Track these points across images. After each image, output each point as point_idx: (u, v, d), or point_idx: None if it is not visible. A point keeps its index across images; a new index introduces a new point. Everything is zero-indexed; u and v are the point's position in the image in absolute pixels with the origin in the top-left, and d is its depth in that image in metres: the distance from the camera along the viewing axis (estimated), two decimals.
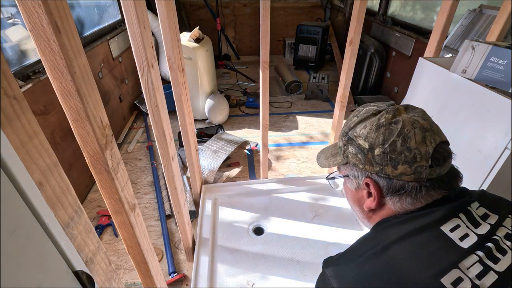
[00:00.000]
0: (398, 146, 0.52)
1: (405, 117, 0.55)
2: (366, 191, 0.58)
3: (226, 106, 3.01)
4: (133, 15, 0.80)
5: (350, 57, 1.49)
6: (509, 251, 0.47)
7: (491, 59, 1.22)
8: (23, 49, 1.78)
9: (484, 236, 0.48)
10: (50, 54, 0.45)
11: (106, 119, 0.58)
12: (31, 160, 0.40)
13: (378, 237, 0.53)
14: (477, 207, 0.52)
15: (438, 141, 0.53)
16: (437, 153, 0.52)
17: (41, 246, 0.39)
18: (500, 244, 0.47)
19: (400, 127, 0.53)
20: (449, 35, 2.24)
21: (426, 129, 0.53)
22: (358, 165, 0.58)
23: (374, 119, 0.56)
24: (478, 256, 0.45)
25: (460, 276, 0.43)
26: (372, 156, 0.55)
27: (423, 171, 0.51)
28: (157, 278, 0.88)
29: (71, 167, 1.94)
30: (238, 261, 1.45)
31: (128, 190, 0.69)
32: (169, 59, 1.35)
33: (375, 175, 0.56)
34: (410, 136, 0.52)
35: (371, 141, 0.54)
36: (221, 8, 4.63)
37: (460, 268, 0.44)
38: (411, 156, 0.51)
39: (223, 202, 1.84)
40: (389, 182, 0.54)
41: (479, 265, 0.45)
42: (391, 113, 0.55)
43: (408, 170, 0.52)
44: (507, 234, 0.49)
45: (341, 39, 4.57)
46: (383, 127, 0.54)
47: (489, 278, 0.43)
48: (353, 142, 0.58)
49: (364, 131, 0.56)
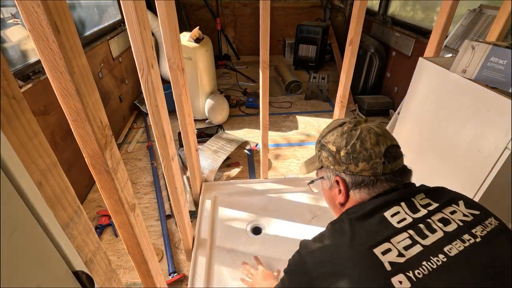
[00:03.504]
0: (357, 147, 0.66)
1: (363, 126, 0.69)
2: (337, 189, 0.72)
3: (226, 106, 3.01)
4: (133, 15, 0.80)
5: (350, 57, 1.49)
6: (439, 230, 0.57)
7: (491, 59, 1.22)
8: (23, 49, 1.78)
9: (418, 219, 0.59)
10: (49, 54, 0.45)
11: (106, 119, 0.58)
12: (30, 160, 0.40)
13: (339, 223, 0.64)
14: (422, 198, 0.64)
15: (389, 144, 0.67)
16: (388, 153, 0.66)
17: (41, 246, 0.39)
18: (431, 225, 0.58)
19: (358, 132, 0.68)
20: (449, 35, 2.24)
21: (379, 134, 0.67)
22: (330, 167, 0.72)
23: (339, 128, 0.71)
24: (409, 234, 0.57)
25: (389, 248, 0.54)
26: (339, 157, 0.69)
27: (378, 167, 0.65)
28: (157, 278, 0.88)
29: (71, 167, 1.94)
30: (235, 260, 1.45)
31: (128, 190, 0.69)
32: (169, 59, 1.35)
33: (343, 173, 0.70)
34: (366, 139, 0.66)
35: (337, 145, 0.69)
36: (221, 8, 4.63)
37: (392, 242, 0.55)
38: (367, 155, 0.66)
39: (223, 201, 1.84)
40: (353, 177, 0.68)
41: (408, 240, 0.56)
42: (352, 123, 0.70)
43: (366, 166, 0.66)
44: (442, 218, 0.59)
45: (341, 39, 4.57)
46: (346, 133, 0.69)
47: (415, 249, 0.54)
48: (324, 148, 0.73)
49: (332, 137, 0.71)
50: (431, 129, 1.55)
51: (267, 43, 1.44)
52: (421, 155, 1.65)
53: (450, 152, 1.41)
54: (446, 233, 0.57)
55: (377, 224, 0.59)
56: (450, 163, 1.42)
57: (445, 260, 0.53)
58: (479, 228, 0.58)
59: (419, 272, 0.51)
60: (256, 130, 2.94)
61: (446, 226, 0.58)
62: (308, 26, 4.17)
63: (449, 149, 1.42)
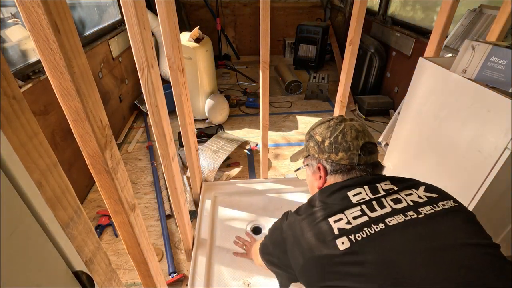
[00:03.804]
0: (339, 139, 0.79)
1: (347, 123, 0.82)
2: (318, 175, 0.84)
3: (226, 106, 3.01)
4: (133, 15, 0.80)
5: (350, 57, 1.49)
6: (388, 207, 0.66)
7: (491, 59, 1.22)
8: (23, 49, 1.78)
9: (374, 198, 0.69)
10: (49, 54, 0.45)
11: (106, 119, 0.58)
12: (30, 160, 0.40)
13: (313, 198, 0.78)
14: (386, 183, 0.73)
15: (367, 140, 0.79)
16: (364, 147, 0.78)
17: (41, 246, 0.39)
18: (383, 203, 0.67)
19: (342, 127, 0.80)
20: (449, 35, 2.24)
21: (359, 131, 0.80)
22: (314, 155, 0.84)
23: (327, 123, 0.84)
24: (361, 208, 0.67)
25: (342, 217, 0.66)
26: (323, 147, 0.81)
27: (355, 157, 0.78)
28: (157, 278, 0.88)
29: (71, 167, 1.94)
30: (235, 260, 1.45)
31: (128, 190, 0.69)
32: (169, 59, 1.35)
33: (324, 161, 0.82)
34: (347, 133, 0.79)
35: (323, 136, 0.82)
36: (221, 8, 4.62)
37: (345, 213, 0.67)
38: (347, 146, 0.78)
39: (222, 201, 1.84)
40: (333, 165, 0.80)
41: (358, 212, 0.66)
42: (338, 120, 0.83)
43: (345, 156, 0.78)
44: (395, 198, 0.69)
45: (341, 39, 4.57)
46: (332, 127, 0.82)
47: (361, 219, 0.64)
48: (312, 138, 0.85)
49: (320, 129, 0.84)
50: (431, 129, 1.55)
51: (267, 43, 1.44)
52: (421, 155, 1.65)
53: (450, 152, 1.41)
54: (393, 209, 0.66)
55: (339, 200, 0.71)
56: (450, 163, 1.42)
57: (383, 228, 0.62)
58: (428, 207, 0.66)
59: (359, 236, 0.62)
60: (256, 130, 2.94)
61: (396, 204, 0.67)
62: (308, 26, 4.17)
63: (449, 149, 1.42)
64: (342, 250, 0.61)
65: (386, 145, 2.55)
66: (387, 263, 0.57)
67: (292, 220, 0.76)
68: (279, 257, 0.80)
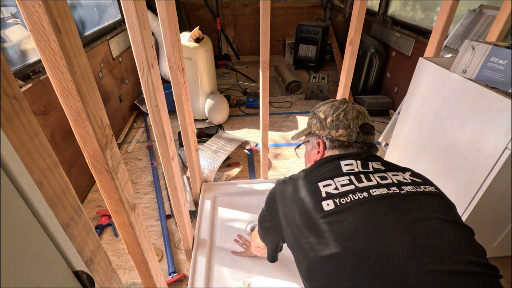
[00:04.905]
0: (341, 116, 0.85)
1: (350, 104, 0.88)
2: (316, 150, 0.89)
3: (226, 106, 3.01)
4: (133, 15, 0.80)
5: (350, 57, 1.49)
6: (374, 180, 0.72)
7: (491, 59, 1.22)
8: (23, 49, 1.78)
9: (363, 172, 0.74)
10: (50, 54, 0.45)
11: (106, 119, 0.58)
12: (31, 160, 0.40)
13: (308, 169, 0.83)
14: (377, 162, 0.79)
15: (366, 121, 0.86)
16: (363, 127, 0.85)
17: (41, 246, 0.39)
18: (370, 177, 0.73)
19: (345, 107, 0.87)
20: (449, 35, 2.24)
21: (360, 112, 0.86)
22: (316, 132, 0.90)
23: (331, 103, 0.90)
24: (350, 177, 0.73)
25: (330, 183, 0.72)
26: (325, 123, 0.87)
27: (353, 135, 0.84)
28: (157, 278, 0.88)
29: (71, 167, 1.94)
30: (235, 261, 1.45)
31: (128, 190, 0.69)
32: (169, 59, 1.35)
33: (324, 137, 0.88)
34: (349, 112, 0.85)
35: (326, 113, 0.88)
36: (221, 8, 4.63)
37: (334, 180, 0.73)
38: (347, 124, 0.84)
39: (222, 201, 1.84)
40: (332, 141, 0.86)
41: (347, 181, 0.72)
42: (342, 101, 0.90)
43: (344, 132, 0.84)
44: (382, 176, 0.74)
45: (341, 39, 4.57)
46: (335, 106, 0.88)
47: (348, 187, 0.70)
48: (316, 115, 0.91)
49: (323, 108, 0.90)
50: (431, 129, 1.55)
51: (267, 43, 1.44)
52: (421, 155, 1.65)
53: (450, 152, 1.41)
54: (378, 183, 0.71)
55: (331, 168, 0.78)
56: (450, 163, 1.42)
57: (367, 196, 0.67)
58: (410, 187, 0.70)
59: (344, 200, 0.68)
60: (256, 130, 2.94)
61: (382, 180, 0.72)
62: (308, 26, 4.17)
63: (449, 149, 1.42)
64: (327, 211, 0.68)
65: (386, 145, 2.55)
66: (364, 224, 0.63)
67: (285, 183, 0.83)
68: (271, 218, 0.86)
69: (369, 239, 0.61)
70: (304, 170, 0.83)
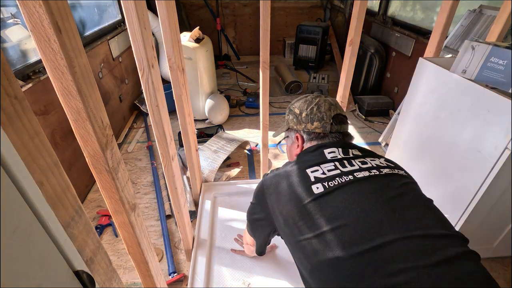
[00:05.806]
0: (315, 110, 0.93)
1: (322, 98, 0.96)
2: (296, 144, 0.96)
3: (226, 106, 3.01)
4: (134, 15, 0.80)
5: (350, 57, 1.49)
6: (356, 165, 0.80)
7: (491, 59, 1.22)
8: (23, 49, 1.78)
9: (345, 158, 0.83)
10: (51, 54, 0.45)
11: (107, 119, 0.58)
12: (32, 159, 0.40)
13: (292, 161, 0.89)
14: (355, 150, 0.87)
15: (338, 112, 0.94)
16: (336, 118, 0.93)
17: (42, 245, 0.39)
18: (352, 162, 0.81)
19: (317, 101, 0.95)
20: (449, 35, 2.24)
21: (332, 104, 0.95)
22: (293, 127, 0.97)
23: (305, 98, 0.98)
24: (334, 163, 0.81)
25: (317, 169, 0.80)
26: (301, 118, 0.95)
27: (327, 126, 0.92)
28: (157, 278, 0.88)
29: (71, 167, 1.94)
30: (235, 261, 1.45)
31: (129, 190, 0.69)
32: (169, 59, 1.35)
33: (301, 131, 0.95)
34: (321, 106, 0.93)
35: (301, 108, 0.96)
36: (221, 8, 4.63)
37: (320, 166, 0.80)
38: (321, 116, 0.92)
39: (222, 201, 1.84)
40: (309, 134, 0.94)
41: (332, 166, 0.80)
42: (314, 95, 0.98)
43: (319, 125, 0.92)
44: (362, 161, 0.82)
45: (341, 39, 4.57)
46: (308, 101, 0.96)
47: (334, 172, 0.78)
48: (291, 112, 0.99)
49: (298, 103, 0.98)
50: (431, 129, 1.55)
51: (267, 43, 1.44)
52: (421, 155, 1.65)
53: (450, 152, 1.41)
54: (360, 167, 0.79)
55: (316, 155, 0.85)
56: (450, 163, 1.42)
57: (352, 178, 0.75)
58: (387, 169, 0.80)
59: (331, 183, 0.75)
60: (256, 130, 2.94)
61: (362, 165, 0.81)
62: (308, 26, 4.17)
63: (449, 149, 1.42)
64: (317, 193, 0.74)
65: (386, 145, 2.55)
66: (352, 203, 0.71)
67: (272, 174, 0.90)
68: (261, 209, 0.91)
69: (358, 213, 0.69)
70: (288, 163, 0.90)
